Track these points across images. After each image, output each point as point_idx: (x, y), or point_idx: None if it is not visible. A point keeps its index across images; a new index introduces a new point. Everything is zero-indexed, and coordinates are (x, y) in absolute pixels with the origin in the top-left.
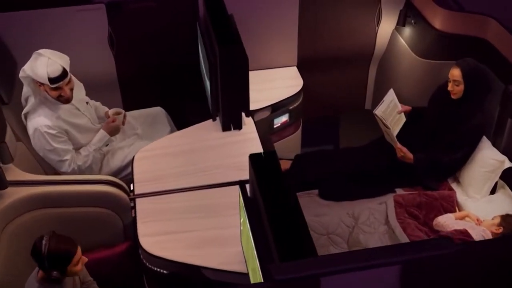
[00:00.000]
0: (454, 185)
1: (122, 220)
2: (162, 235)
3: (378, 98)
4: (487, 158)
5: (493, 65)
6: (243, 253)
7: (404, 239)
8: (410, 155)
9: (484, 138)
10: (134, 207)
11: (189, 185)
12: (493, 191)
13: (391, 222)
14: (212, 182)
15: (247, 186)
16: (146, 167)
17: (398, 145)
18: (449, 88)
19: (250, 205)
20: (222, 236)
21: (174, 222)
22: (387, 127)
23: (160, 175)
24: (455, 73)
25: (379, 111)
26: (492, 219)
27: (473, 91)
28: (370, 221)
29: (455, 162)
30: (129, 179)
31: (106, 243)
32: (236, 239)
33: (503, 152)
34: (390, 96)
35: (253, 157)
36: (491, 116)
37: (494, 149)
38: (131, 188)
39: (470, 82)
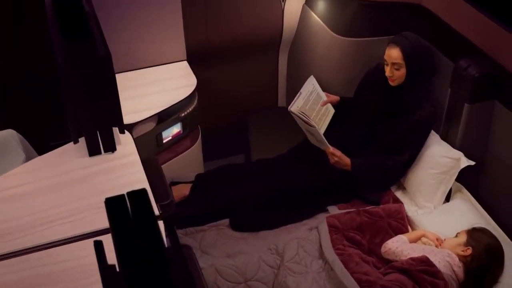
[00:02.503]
0: (399, 194)
1: None
2: None
3: (293, 92)
4: (438, 157)
5: (434, 37)
6: None
7: (347, 278)
8: (346, 160)
9: (431, 132)
10: None
11: (37, 242)
12: (447, 197)
13: (326, 255)
14: (73, 233)
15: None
16: None
17: (330, 148)
18: (387, 73)
19: (108, 273)
20: None
21: None
22: (310, 125)
23: None
24: (394, 54)
25: (295, 107)
26: (456, 236)
27: (417, 75)
28: (300, 257)
29: (402, 165)
30: None
31: None
32: None
33: (458, 147)
34: (309, 85)
35: (110, 203)
36: (438, 103)
37: (446, 144)
38: None
39: (414, 64)
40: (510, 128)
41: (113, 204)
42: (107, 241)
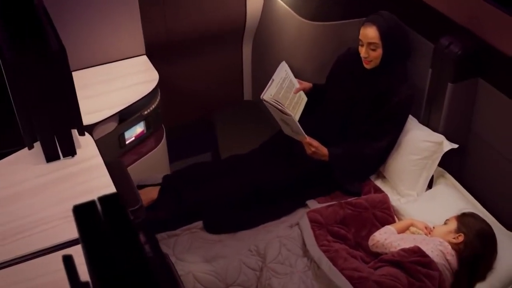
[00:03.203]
0: (379, 183)
1: None
2: None
3: (259, 84)
4: (419, 141)
5: (408, 18)
6: None
7: (336, 276)
8: (323, 150)
9: (409, 117)
10: None
11: None
12: (429, 184)
13: (311, 253)
14: (38, 247)
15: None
16: None
17: (307, 138)
18: (363, 54)
19: None
20: None
21: None
22: (285, 114)
23: None
24: (371, 33)
25: (267, 95)
26: (445, 223)
27: (393, 56)
28: (283, 257)
29: (381, 152)
30: None
31: None
32: None
33: (442, 129)
34: (282, 72)
35: (79, 210)
36: (417, 87)
37: (425, 128)
38: None
39: (391, 44)
40: (495, 106)
41: (83, 212)
42: (76, 253)
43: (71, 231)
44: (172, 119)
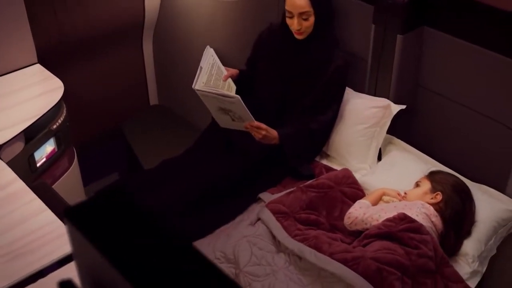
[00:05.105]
0: (325, 162)
1: None
2: None
3: (165, 86)
4: (363, 109)
5: None
6: None
7: (328, 263)
8: (273, 133)
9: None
10: None
11: None
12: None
13: (289, 246)
14: None
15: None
16: None
17: (255, 122)
18: (295, 26)
19: None
20: None
21: None
22: (229, 97)
23: None
24: (300, 2)
25: (199, 83)
26: (417, 185)
27: (326, 21)
28: (258, 257)
29: (327, 125)
30: None
31: None
32: None
33: (394, 91)
34: (209, 57)
35: (72, 213)
36: (356, 54)
37: (365, 95)
38: None
39: (322, 9)
40: (444, 52)
41: (80, 211)
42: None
43: (15, 271)
44: (80, 135)
